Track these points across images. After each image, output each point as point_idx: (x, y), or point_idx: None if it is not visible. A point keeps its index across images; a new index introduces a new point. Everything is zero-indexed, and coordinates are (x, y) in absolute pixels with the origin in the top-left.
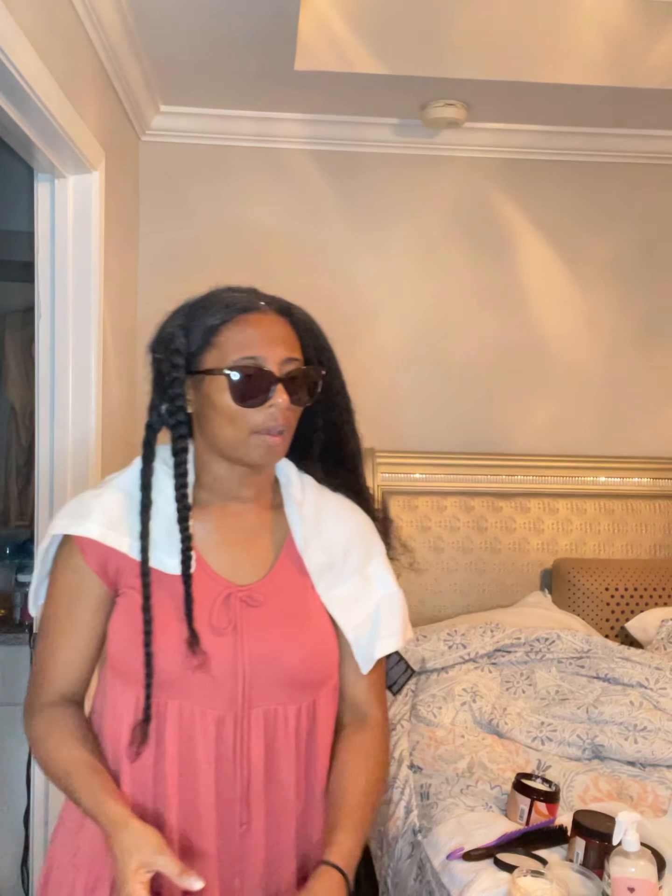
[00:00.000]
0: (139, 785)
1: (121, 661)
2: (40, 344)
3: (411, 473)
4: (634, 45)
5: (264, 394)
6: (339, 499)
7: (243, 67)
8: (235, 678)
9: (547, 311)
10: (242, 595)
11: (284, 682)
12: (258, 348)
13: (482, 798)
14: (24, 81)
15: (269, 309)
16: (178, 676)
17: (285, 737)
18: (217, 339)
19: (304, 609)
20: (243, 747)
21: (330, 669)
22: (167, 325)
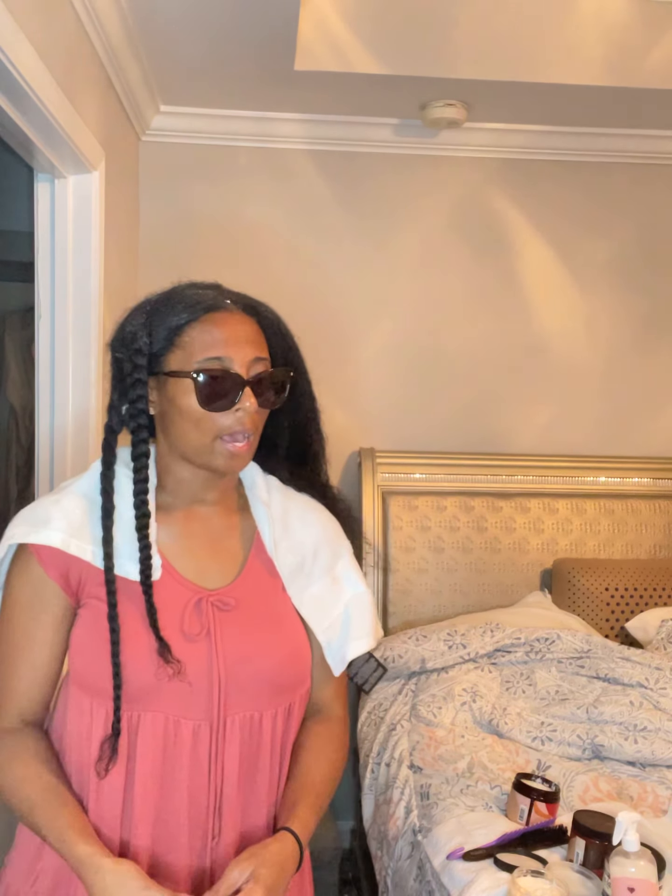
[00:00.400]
0: (107, 803)
1: (88, 675)
2: (40, 344)
3: (411, 473)
4: (634, 45)
5: (232, 397)
6: (304, 499)
7: (243, 67)
8: (212, 684)
9: (547, 311)
10: (214, 599)
11: (262, 687)
12: (225, 349)
13: (482, 798)
14: (24, 81)
15: (234, 308)
16: (152, 687)
17: (261, 743)
18: (181, 339)
19: (276, 612)
20: (218, 756)
21: (305, 672)
22: (128, 323)
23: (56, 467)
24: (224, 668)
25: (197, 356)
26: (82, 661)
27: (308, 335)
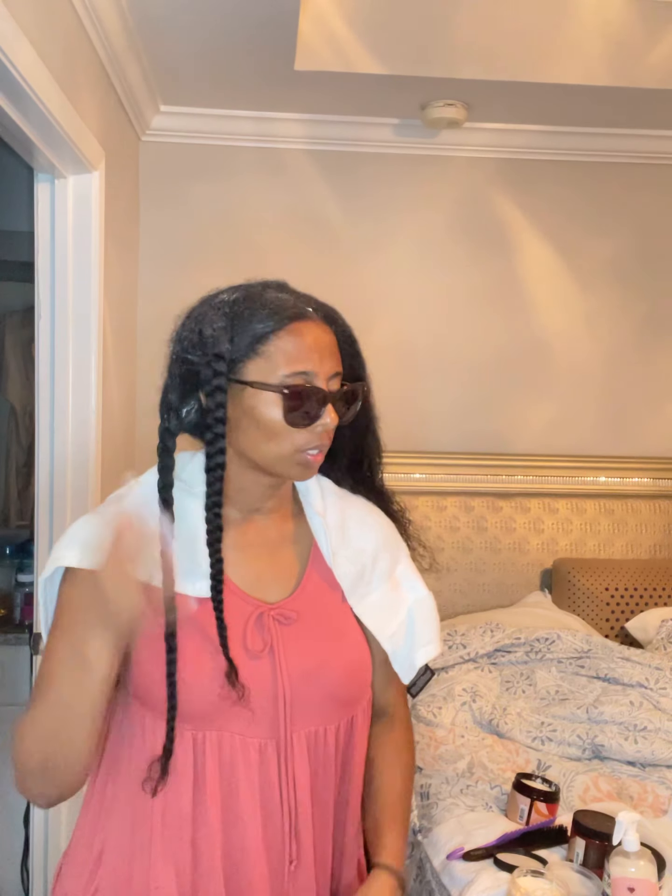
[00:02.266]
0: (174, 827)
1: (150, 695)
2: (40, 344)
3: (411, 473)
4: (634, 45)
5: (315, 413)
6: (361, 502)
7: (243, 67)
8: (276, 702)
9: (547, 311)
10: (274, 613)
11: (326, 701)
12: (309, 363)
13: (482, 798)
14: (24, 81)
15: (316, 316)
16: (215, 707)
17: (326, 759)
18: (265, 347)
19: (337, 623)
20: (288, 775)
21: (367, 683)
22: (207, 324)
23: (56, 467)
24: (289, 685)
25: (283, 369)
26: (144, 680)
27: None
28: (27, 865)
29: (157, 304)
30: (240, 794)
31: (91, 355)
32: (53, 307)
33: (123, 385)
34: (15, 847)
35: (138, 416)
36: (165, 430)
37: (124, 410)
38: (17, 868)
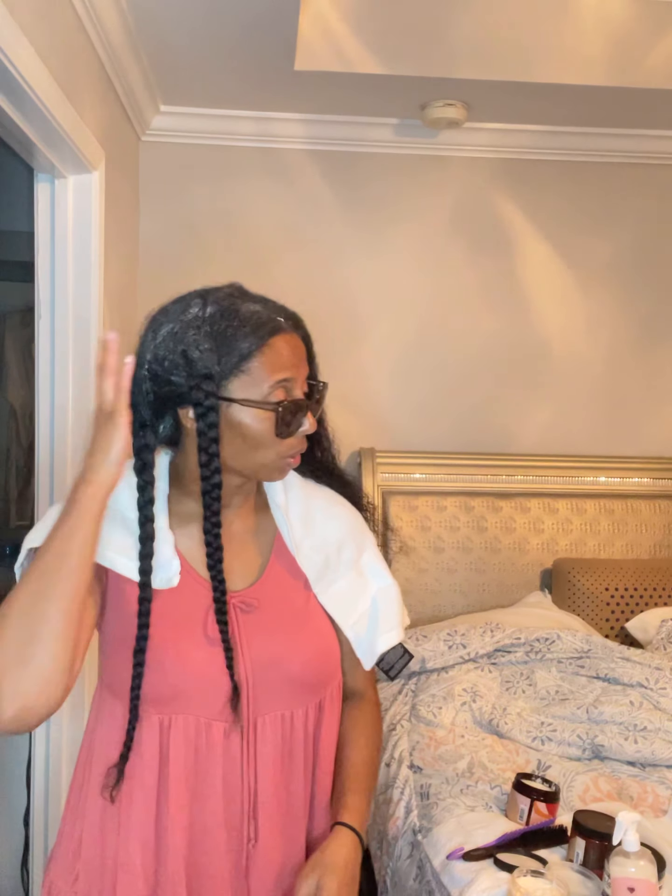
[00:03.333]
0: (141, 805)
1: (118, 680)
2: (40, 344)
3: (411, 473)
4: (634, 45)
5: (298, 422)
6: (326, 493)
7: (243, 67)
8: (238, 687)
9: (547, 311)
10: (236, 601)
11: (290, 687)
12: (288, 373)
13: (482, 798)
14: (24, 81)
15: (288, 327)
16: (183, 692)
17: (294, 742)
18: (249, 365)
19: (301, 610)
20: (250, 759)
21: (333, 668)
22: (192, 347)
23: (56, 467)
24: (251, 670)
25: (266, 383)
26: (113, 666)
27: None
28: (27, 865)
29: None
30: (203, 775)
31: (91, 355)
32: (53, 307)
33: None
34: (15, 847)
35: None
36: (144, 446)
37: None
38: (17, 868)
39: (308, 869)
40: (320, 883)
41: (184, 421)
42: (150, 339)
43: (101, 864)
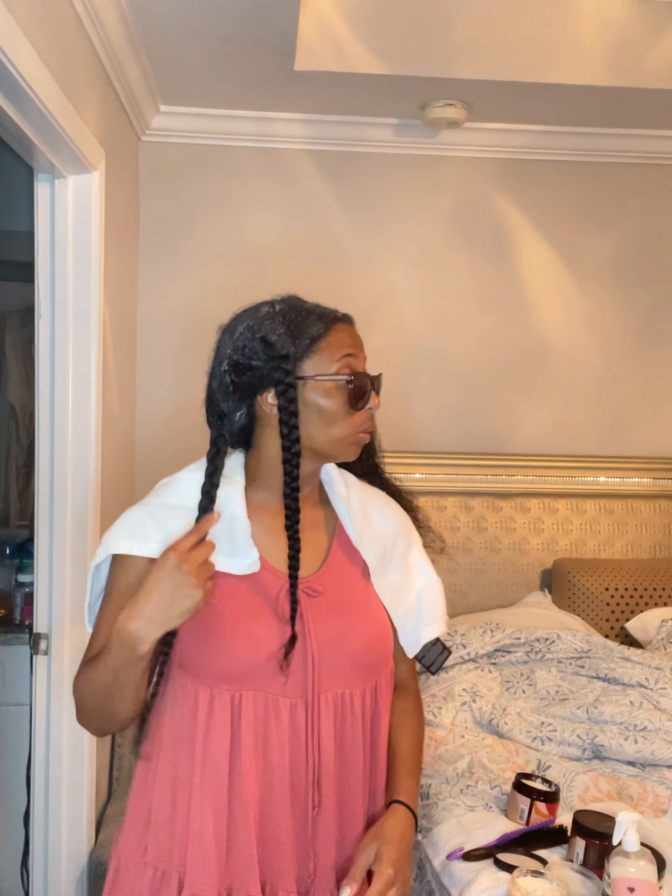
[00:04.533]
0: (213, 778)
1: (194, 660)
2: (40, 344)
3: (411, 473)
4: (634, 45)
5: (368, 397)
6: (379, 493)
7: (243, 67)
8: (306, 664)
9: (547, 311)
10: (304, 586)
11: (350, 666)
12: (356, 356)
13: (482, 798)
14: (24, 81)
15: (346, 320)
16: (257, 670)
17: (353, 719)
18: (319, 345)
19: (360, 597)
20: (314, 732)
21: (388, 652)
22: (270, 333)
23: (56, 467)
24: (317, 648)
25: (337, 361)
26: (188, 646)
27: None
28: (27, 865)
29: (157, 304)
30: (271, 747)
31: (91, 355)
32: (53, 307)
33: (123, 385)
34: (15, 847)
35: (138, 416)
36: (219, 435)
37: (124, 410)
38: (17, 868)
39: (368, 839)
40: (379, 852)
41: (263, 407)
42: (227, 338)
43: (170, 835)
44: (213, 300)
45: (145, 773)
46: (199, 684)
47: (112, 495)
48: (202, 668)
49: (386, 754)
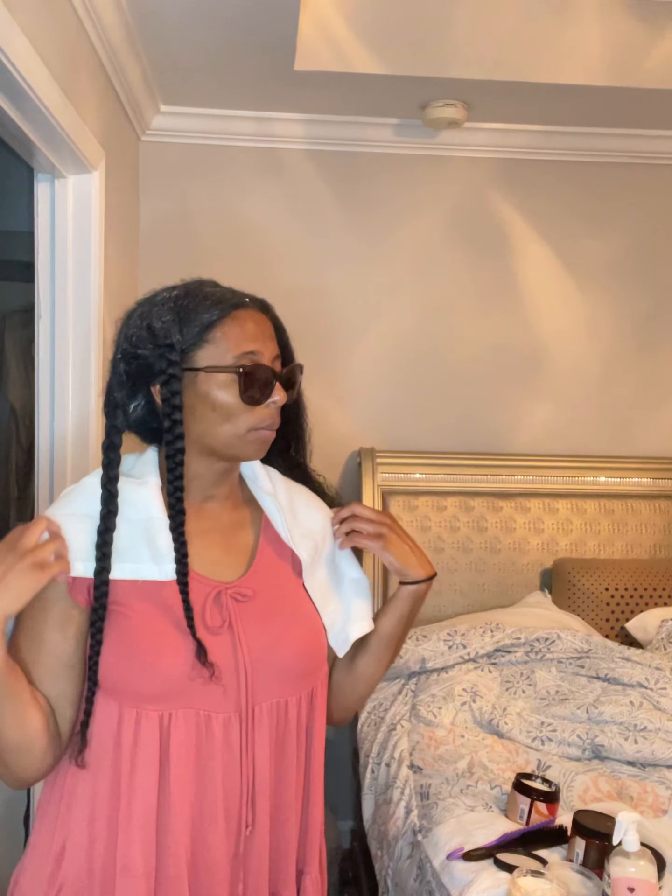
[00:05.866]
0: (141, 802)
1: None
2: (40, 344)
3: (411, 473)
4: (634, 45)
5: (267, 391)
6: (304, 489)
7: (243, 67)
8: (238, 675)
9: (547, 311)
10: (232, 592)
11: (284, 673)
12: (255, 344)
13: (482, 798)
14: (24, 81)
15: (253, 305)
16: (183, 686)
17: (288, 729)
18: (213, 334)
19: (291, 599)
20: (249, 746)
21: (323, 656)
22: (154, 319)
23: (56, 467)
24: (249, 658)
25: (232, 351)
26: (109, 667)
27: (308, 335)
28: None
29: None
30: (203, 768)
31: (91, 355)
32: (53, 307)
33: None
34: (15, 847)
35: None
36: (112, 426)
37: None
38: None
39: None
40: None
41: (157, 399)
42: (122, 325)
43: (89, 871)
44: None
45: (57, 805)
46: (123, 707)
47: None
48: (127, 687)
49: (322, 765)
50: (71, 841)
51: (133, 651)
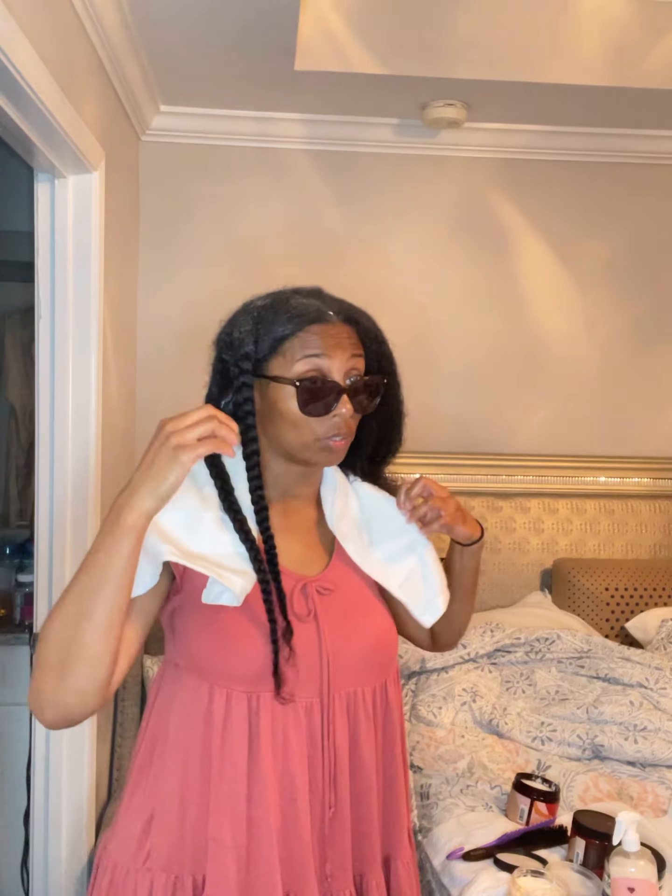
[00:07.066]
0: (231, 782)
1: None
2: (40, 344)
3: (411, 473)
4: (634, 45)
5: (329, 404)
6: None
7: (243, 67)
8: (321, 663)
9: (546, 311)
10: (316, 585)
11: (360, 663)
12: (323, 359)
13: (482, 798)
14: (24, 81)
15: (336, 319)
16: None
17: (365, 718)
18: (284, 347)
19: (366, 593)
20: (330, 731)
21: (395, 649)
22: (236, 328)
23: (56, 467)
24: (331, 646)
25: (298, 364)
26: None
27: None
28: (27, 865)
29: (157, 303)
30: (289, 748)
31: (91, 355)
32: (53, 307)
33: (123, 385)
34: (15, 847)
35: (138, 416)
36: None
37: (124, 410)
38: (17, 868)
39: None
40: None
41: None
42: (221, 327)
43: (181, 840)
44: (213, 300)
45: (145, 778)
46: (214, 686)
47: (112, 495)
48: (217, 669)
49: (402, 755)
50: (161, 808)
51: (223, 634)
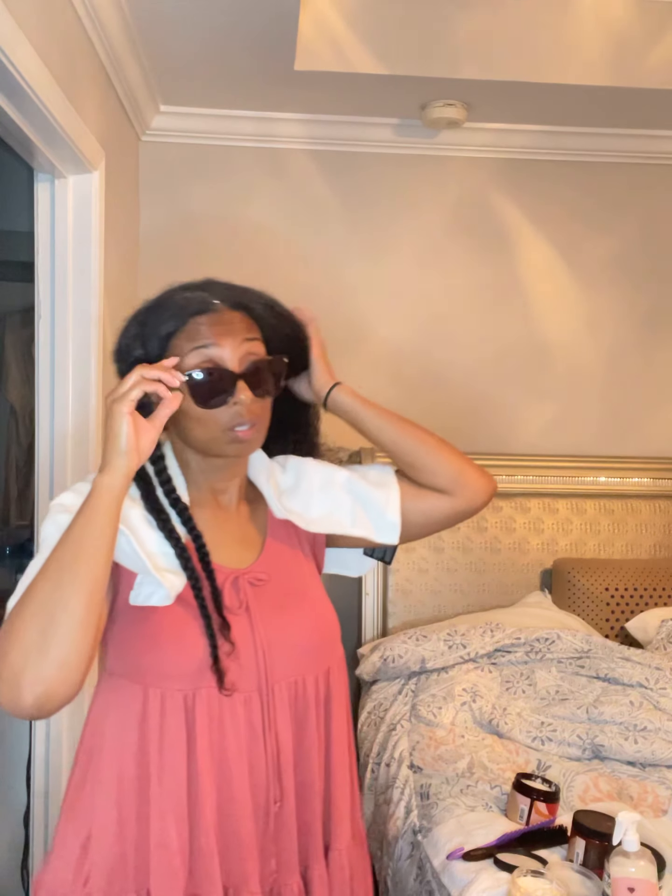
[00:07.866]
0: (171, 782)
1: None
2: (40, 344)
3: None
4: (634, 45)
5: (226, 393)
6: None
7: (243, 67)
8: (256, 655)
9: (547, 312)
10: (248, 577)
11: (300, 652)
12: (214, 348)
13: (482, 798)
14: (24, 81)
15: (223, 306)
16: (207, 665)
17: (306, 707)
18: (171, 344)
19: (302, 582)
20: (271, 724)
21: (337, 635)
22: (123, 335)
23: (56, 467)
24: (264, 638)
25: (188, 358)
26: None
27: None
28: (27, 865)
29: None
30: (228, 744)
31: (91, 355)
32: (53, 307)
33: None
34: (15, 847)
35: None
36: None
37: None
38: (17, 868)
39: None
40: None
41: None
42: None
43: (121, 854)
44: None
45: (79, 796)
46: (148, 688)
47: None
48: (152, 669)
49: (344, 744)
50: (98, 825)
51: (158, 633)
